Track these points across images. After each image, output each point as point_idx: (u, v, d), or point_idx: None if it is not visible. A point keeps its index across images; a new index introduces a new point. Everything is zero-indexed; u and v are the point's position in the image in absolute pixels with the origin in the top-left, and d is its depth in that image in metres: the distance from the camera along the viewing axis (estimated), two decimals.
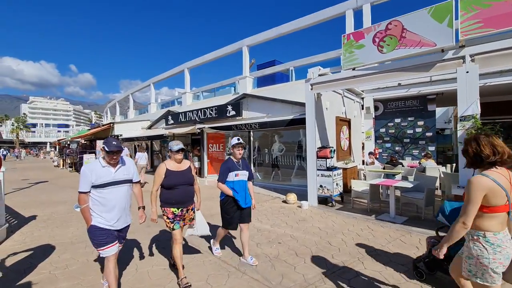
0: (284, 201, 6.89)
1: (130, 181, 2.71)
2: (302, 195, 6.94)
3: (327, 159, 6.35)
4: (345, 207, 6.24)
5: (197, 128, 11.12)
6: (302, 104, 8.10)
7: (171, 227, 3.06)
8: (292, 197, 6.70)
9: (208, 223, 3.57)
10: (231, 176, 3.41)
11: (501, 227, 1.73)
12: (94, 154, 14.89)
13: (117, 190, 2.57)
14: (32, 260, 3.64)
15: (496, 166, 1.74)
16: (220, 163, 12.09)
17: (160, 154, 17.86)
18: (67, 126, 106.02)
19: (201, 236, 4.07)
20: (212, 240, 3.95)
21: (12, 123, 59.55)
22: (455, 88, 4.70)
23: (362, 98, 10.02)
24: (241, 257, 3.61)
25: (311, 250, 3.89)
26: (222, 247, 3.96)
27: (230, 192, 3.38)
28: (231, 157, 3.54)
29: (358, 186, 6.14)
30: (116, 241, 2.59)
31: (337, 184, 6.40)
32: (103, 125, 18.43)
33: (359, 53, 5.63)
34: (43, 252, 3.94)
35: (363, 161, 10.09)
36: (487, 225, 1.72)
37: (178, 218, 3.07)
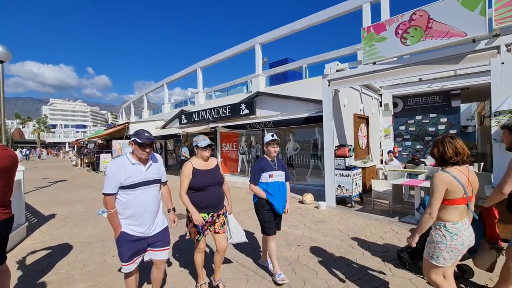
0: (301, 202, 6.69)
1: (159, 181, 2.40)
2: (319, 195, 6.72)
3: (346, 158, 6.10)
4: (365, 208, 5.98)
5: (211, 127, 11.08)
6: (318, 102, 7.87)
7: (196, 238, 2.70)
8: (308, 197, 6.49)
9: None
10: (265, 177, 3.03)
11: (460, 218, 1.98)
12: (110, 154, 15.21)
13: (148, 191, 2.25)
14: (51, 259, 3.64)
15: (459, 165, 2.00)
16: (233, 162, 12.13)
17: (174, 153, 18.03)
18: (84, 126, 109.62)
19: (236, 244, 3.41)
20: (260, 260, 3.44)
21: (34, 124, 62.15)
22: (484, 81, 4.38)
23: (380, 95, 9.64)
24: (259, 260, 3.46)
25: (333, 253, 3.70)
26: (239, 249, 3.83)
27: (263, 194, 3.01)
28: (264, 155, 3.15)
29: (380, 186, 5.86)
30: (141, 256, 2.29)
31: (356, 184, 6.14)
32: (118, 125, 18.80)
33: (380, 46, 5.35)
34: (61, 251, 3.94)
35: (381, 160, 9.72)
36: (448, 216, 1.98)
37: (206, 226, 2.67)
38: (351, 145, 6.47)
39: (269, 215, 3.04)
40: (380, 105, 9.74)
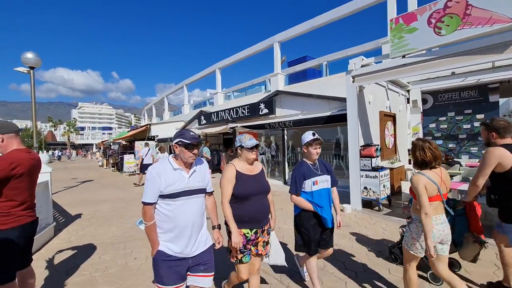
0: None
1: (204, 191, 2.01)
2: (343, 198, 6.42)
3: (372, 158, 5.74)
4: (395, 212, 5.59)
5: (230, 127, 11.03)
6: (341, 99, 7.53)
7: (239, 258, 2.19)
8: None
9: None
10: (308, 185, 2.51)
11: (434, 213, 2.18)
12: (133, 155, 15.67)
13: (190, 202, 1.88)
14: (76, 260, 3.69)
15: (435, 168, 2.25)
16: None
17: None
18: (110, 128, 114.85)
19: (273, 266, 2.96)
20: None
21: (64, 126, 66.05)
22: None
23: (408, 91, 9.08)
24: (297, 259, 3.08)
25: (362, 262, 3.43)
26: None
27: (310, 206, 2.50)
28: (304, 159, 2.68)
29: None
30: (184, 283, 1.89)
31: (384, 186, 5.77)
32: (141, 127, 19.37)
33: (410, 38, 4.95)
34: (86, 252, 4.00)
35: (409, 160, 9.15)
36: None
37: (249, 245, 2.22)
38: (378, 145, 6.10)
39: (316, 231, 2.54)
40: (408, 102, 9.18)
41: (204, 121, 13.33)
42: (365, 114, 6.54)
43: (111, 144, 21.68)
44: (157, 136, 15.43)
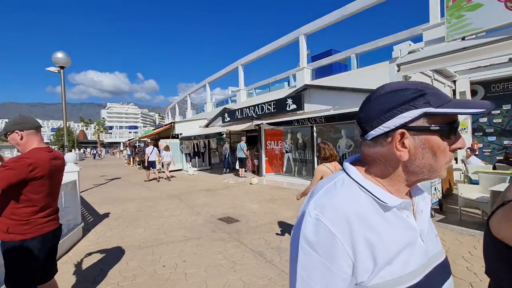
0: None
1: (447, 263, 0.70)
2: None
3: None
4: (449, 218, 4.88)
5: (255, 125, 10.65)
6: None
7: None
8: None
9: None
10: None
11: None
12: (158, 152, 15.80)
13: None
14: (103, 266, 3.47)
15: (330, 161, 3.29)
16: (278, 161, 11.57)
17: (216, 151, 18.15)
18: (136, 127, 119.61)
19: None
20: None
21: (94, 126, 69.68)
22: None
23: (454, 82, 8.13)
24: None
25: None
26: None
27: None
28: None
29: (469, 192, 4.72)
30: None
31: (435, 189, 5.07)
32: (165, 125, 19.60)
33: (473, 16, 4.23)
34: (113, 256, 3.78)
35: (455, 158, 8.23)
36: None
37: None
38: None
39: None
40: (454, 94, 8.23)
41: (228, 119, 13.06)
42: None
43: (137, 142, 22.22)
44: (181, 134, 15.44)
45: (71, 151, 37.82)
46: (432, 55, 4.77)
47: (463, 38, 4.41)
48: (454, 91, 8.24)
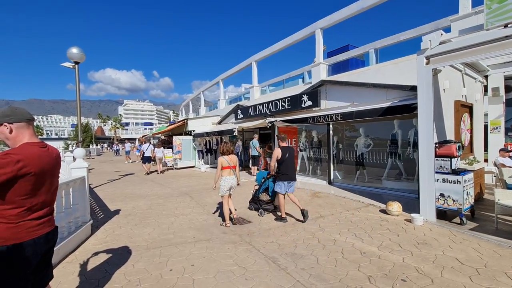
0: (383, 211, 5.41)
1: None
2: (407, 205, 5.41)
3: (452, 159, 4.60)
4: (483, 227, 4.41)
5: (268, 122, 10.34)
6: (403, 88, 6.39)
7: None
8: (395, 206, 5.17)
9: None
10: None
11: (227, 174, 4.86)
12: (171, 149, 15.83)
13: None
14: (108, 268, 3.31)
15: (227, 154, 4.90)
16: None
17: None
18: (151, 124, 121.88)
19: None
20: None
21: (111, 122, 71.52)
22: None
23: (486, 77, 7.48)
24: None
25: None
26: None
27: None
28: None
29: (508, 198, 4.22)
30: None
31: (467, 194, 4.59)
32: (178, 122, 19.64)
33: None
34: (120, 257, 3.62)
35: (486, 160, 7.61)
36: (224, 173, 4.88)
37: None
38: (460, 142, 4.90)
39: None
40: (485, 90, 7.58)
41: (241, 116, 12.82)
42: (438, 103, 5.34)
43: (151, 138, 22.44)
44: (193, 131, 15.37)
45: (88, 146, 38.69)
46: (468, 45, 4.27)
47: (505, 26, 3.90)
48: (485, 87, 7.58)
